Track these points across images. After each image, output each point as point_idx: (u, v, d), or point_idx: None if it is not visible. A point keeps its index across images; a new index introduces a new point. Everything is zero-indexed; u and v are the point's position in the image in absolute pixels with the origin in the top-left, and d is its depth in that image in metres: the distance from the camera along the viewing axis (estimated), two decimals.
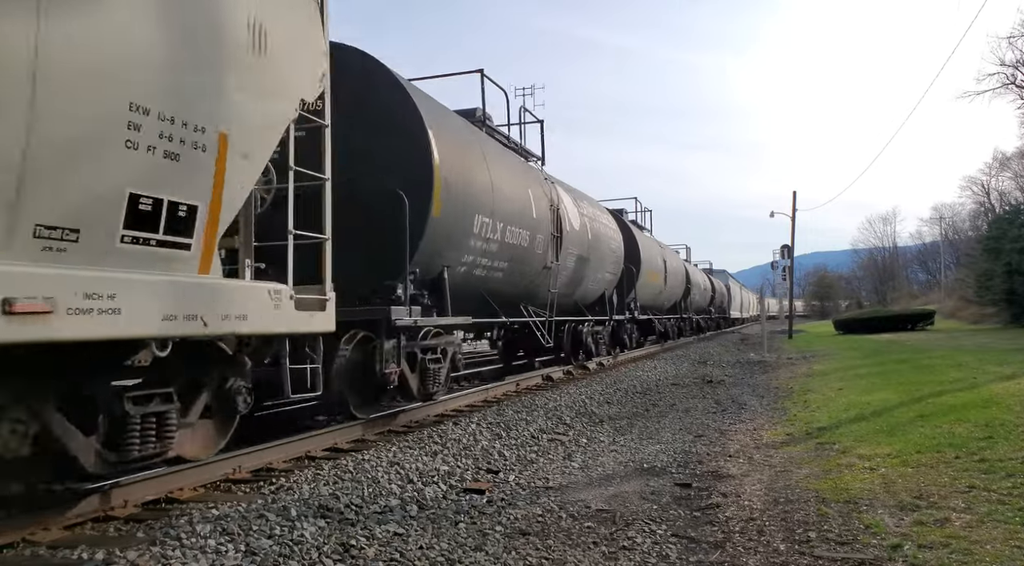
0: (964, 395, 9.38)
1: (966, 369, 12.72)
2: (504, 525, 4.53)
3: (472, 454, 6.60)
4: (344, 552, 3.91)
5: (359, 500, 4.89)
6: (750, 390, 12.42)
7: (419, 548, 4.02)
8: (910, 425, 7.57)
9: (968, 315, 40.30)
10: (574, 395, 10.87)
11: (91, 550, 3.76)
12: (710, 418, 9.20)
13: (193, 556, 3.70)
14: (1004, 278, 31.53)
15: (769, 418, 9.12)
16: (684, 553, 4.11)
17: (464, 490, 5.39)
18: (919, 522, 4.39)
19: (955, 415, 7.86)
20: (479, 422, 8.02)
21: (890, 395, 10.04)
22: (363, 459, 6.06)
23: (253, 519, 4.32)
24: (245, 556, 3.78)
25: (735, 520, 4.67)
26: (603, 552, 4.09)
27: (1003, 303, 32.91)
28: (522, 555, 3.98)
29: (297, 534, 4.11)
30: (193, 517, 4.32)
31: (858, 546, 4.06)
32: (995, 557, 3.75)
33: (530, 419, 8.55)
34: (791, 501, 5.05)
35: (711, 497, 5.27)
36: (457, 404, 9.26)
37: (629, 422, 8.96)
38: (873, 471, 5.74)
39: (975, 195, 62.43)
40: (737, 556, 4.02)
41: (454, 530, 4.39)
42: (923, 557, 3.81)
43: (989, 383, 10.38)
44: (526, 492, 5.42)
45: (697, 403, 10.71)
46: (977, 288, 38.43)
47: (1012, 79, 34.79)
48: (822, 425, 8.09)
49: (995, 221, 38.53)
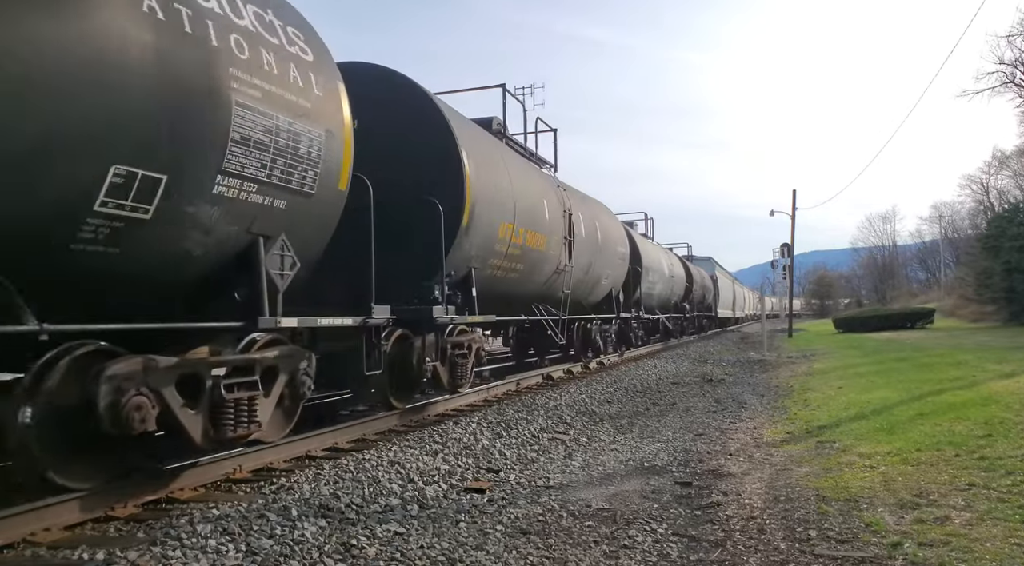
0: (964, 393, 9.40)
1: (966, 367, 12.74)
2: (505, 524, 4.53)
3: (473, 453, 6.60)
4: (345, 552, 3.91)
5: (360, 500, 4.89)
6: (750, 389, 12.43)
7: (420, 547, 4.02)
8: (910, 423, 7.58)
9: (967, 313, 40.31)
10: (574, 394, 10.88)
11: (92, 550, 3.75)
12: (710, 417, 9.20)
13: (194, 556, 3.70)
14: (1003, 276, 31.54)
15: (769, 417, 9.12)
16: (685, 551, 4.11)
17: (465, 489, 5.39)
18: (919, 520, 4.40)
19: (955, 413, 7.87)
20: (479, 421, 8.02)
21: (890, 393, 10.05)
22: (364, 459, 6.06)
23: (254, 519, 4.32)
24: (246, 556, 3.78)
25: (736, 518, 4.68)
26: (604, 551, 4.10)
27: (1002, 301, 32.93)
28: (523, 554, 3.98)
29: (298, 534, 4.11)
30: (194, 517, 4.32)
31: (858, 544, 4.07)
32: (995, 555, 3.75)
33: (530, 418, 8.55)
34: (791, 499, 5.05)
35: (712, 496, 5.27)
36: (458, 403, 9.28)
37: (629, 421, 8.96)
38: (873, 469, 5.74)
39: (974, 193, 62.44)
40: (738, 554, 4.02)
41: (455, 529, 4.39)
42: (923, 555, 3.82)
43: (988, 381, 10.40)
44: (527, 491, 5.42)
45: (697, 402, 10.72)
46: (976, 286, 38.47)
47: (1011, 78, 34.82)
48: (822, 424, 8.09)
49: (994, 219, 38.52)
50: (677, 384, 13.30)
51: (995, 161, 57.62)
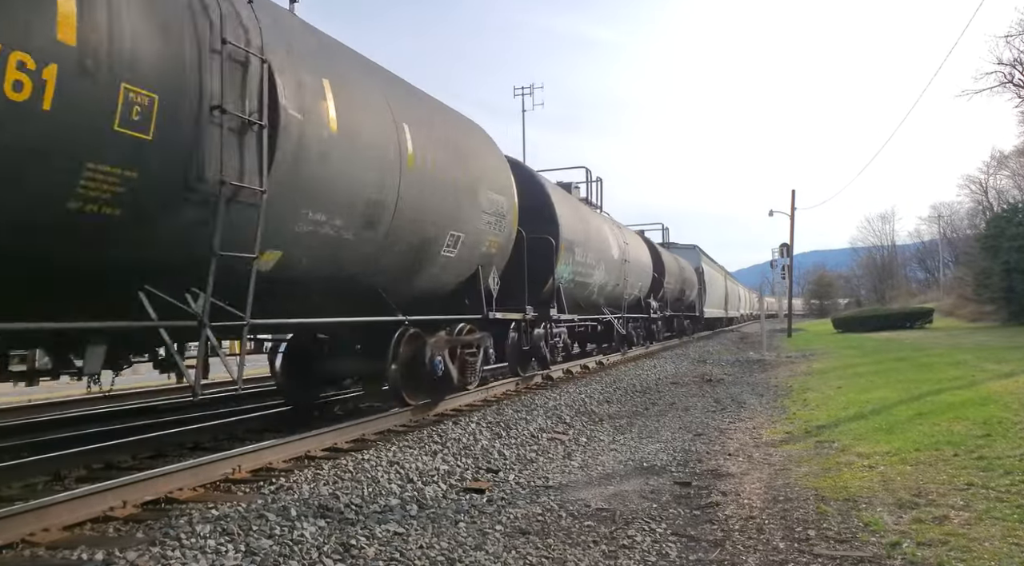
0: (962, 393, 9.40)
1: (964, 367, 12.75)
2: (504, 524, 4.53)
3: (472, 453, 6.60)
4: (344, 552, 3.91)
5: (359, 500, 4.89)
6: (749, 389, 12.44)
7: (419, 547, 4.02)
8: (909, 423, 7.59)
9: (966, 313, 40.34)
10: (573, 394, 10.88)
11: (91, 551, 3.75)
12: (709, 417, 9.21)
13: (193, 556, 3.70)
14: (1002, 276, 31.56)
15: (768, 416, 9.13)
16: (684, 551, 4.11)
17: (464, 489, 5.39)
18: (918, 520, 4.40)
19: (953, 413, 7.87)
20: (479, 421, 8.02)
21: (889, 393, 10.06)
22: (363, 459, 6.06)
23: (253, 519, 4.32)
24: (245, 556, 3.77)
25: (735, 518, 4.68)
26: (603, 551, 4.10)
27: (1001, 301, 32.96)
28: (522, 554, 3.98)
29: (297, 534, 4.11)
30: (193, 517, 4.32)
31: (857, 544, 4.07)
32: (993, 554, 3.76)
33: (530, 418, 8.55)
34: (790, 499, 5.05)
35: (711, 496, 5.28)
36: (457, 404, 9.28)
37: (629, 421, 8.97)
38: (872, 469, 5.75)
39: (973, 193, 62.44)
40: (737, 554, 4.03)
41: (454, 529, 4.39)
42: (922, 555, 3.82)
43: (987, 381, 10.41)
44: (526, 491, 5.42)
45: (696, 402, 10.72)
46: (975, 286, 38.48)
47: (1010, 78, 34.83)
48: (821, 423, 8.10)
49: (993, 219, 38.55)
50: (676, 384, 13.30)
51: (994, 161, 57.66)
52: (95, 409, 8.94)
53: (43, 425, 7.79)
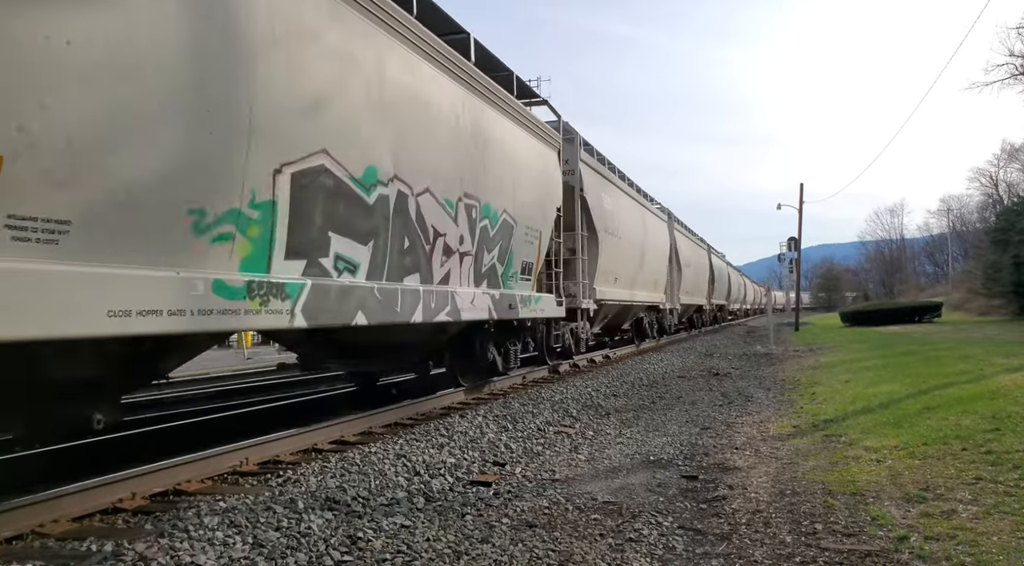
0: (971, 387, 9.35)
1: (973, 361, 12.68)
2: (511, 517, 4.54)
3: (479, 446, 6.62)
4: (351, 544, 3.93)
5: (366, 492, 4.91)
6: (756, 382, 12.41)
7: (426, 540, 4.03)
8: (917, 417, 7.55)
9: (975, 307, 40.08)
10: (580, 388, 10.88)
11: (100, 542, 3.78)
12: (716, 410, 9.19)
13: (201, 548, 3.72)
14: (1012, 270, 31.33)
15: (776, 410, 9.11)
16: (691, 545, 4.11)
17: (471, 482, 5.40)
18: (926, 514, 4.38)
19: (962, 407, 7.83)
20: (485, 415, 8.03)
21: (897, 387, 10.02)
22: (370, 451, 6.08)
23: (260, 511, 4.34)
24: (252, 548, 3.79)
25: (741, 512, 4.67)
26: (610, 544, 4.10)
27: (1011, 295, 32.71)
28: (529, 547, 3.99)
29: (304, 526, 4.13)
30: (201, 509, 4.35)
31: (865, 538, 4.06)
32: (1002, 549, 3.74)
33: (536, 412, 8.56)
34: (797, 493, 5.04)
35: (717, 489, 5.27)
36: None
37: (635, 414, 8.96)
38: (880, 463, 5.73)
39: (983, 186, 62.09)
40: (744, 548, 4.02)
41: (461, 522, 4.40)
42: (930, 549, 3.81)
43: (996, 375, 10.34)
44: (532, 484, 5.43)
45: (703, 395, 10.71)
46: (984, 280, 38.20)
47: (1021, 70, 34.45)
48: (829, 417, 8.08)
49: (1003, 213, 38.29)
50: (683, 378, 13.28)
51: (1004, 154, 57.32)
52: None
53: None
